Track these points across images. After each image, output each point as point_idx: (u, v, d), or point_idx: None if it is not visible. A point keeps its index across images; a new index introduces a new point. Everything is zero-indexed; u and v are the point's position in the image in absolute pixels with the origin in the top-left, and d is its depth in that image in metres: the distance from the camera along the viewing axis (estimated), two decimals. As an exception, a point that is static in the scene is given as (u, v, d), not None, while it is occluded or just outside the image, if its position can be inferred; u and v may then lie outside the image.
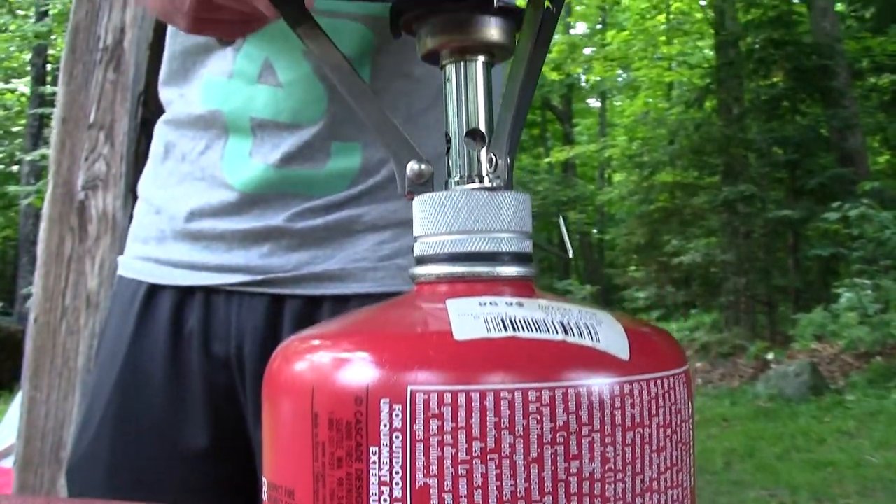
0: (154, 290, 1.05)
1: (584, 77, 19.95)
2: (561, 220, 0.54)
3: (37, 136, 14.83)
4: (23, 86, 17.23)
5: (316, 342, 0.43)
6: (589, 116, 24.10)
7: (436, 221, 0.45)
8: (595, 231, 21.98)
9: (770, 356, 10.62)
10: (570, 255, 0.54)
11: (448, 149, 0.48)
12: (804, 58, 12.63)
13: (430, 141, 0.97)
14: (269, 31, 0.94)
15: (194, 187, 1.05)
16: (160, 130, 1.14)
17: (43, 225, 3.02)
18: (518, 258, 0.45)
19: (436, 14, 0.47)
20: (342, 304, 1.00)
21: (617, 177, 19.52)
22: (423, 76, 1.02)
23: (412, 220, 0.46)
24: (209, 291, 1.03)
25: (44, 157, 11.73)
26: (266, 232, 1.01)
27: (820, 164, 12.50)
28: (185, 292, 1.04)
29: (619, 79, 20.04)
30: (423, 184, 0.47)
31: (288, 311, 1.01)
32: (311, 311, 1.01)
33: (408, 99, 1.03)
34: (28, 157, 12.81)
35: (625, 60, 16.38)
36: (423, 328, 0.42)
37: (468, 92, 0.47)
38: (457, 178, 0.47)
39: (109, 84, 3.01)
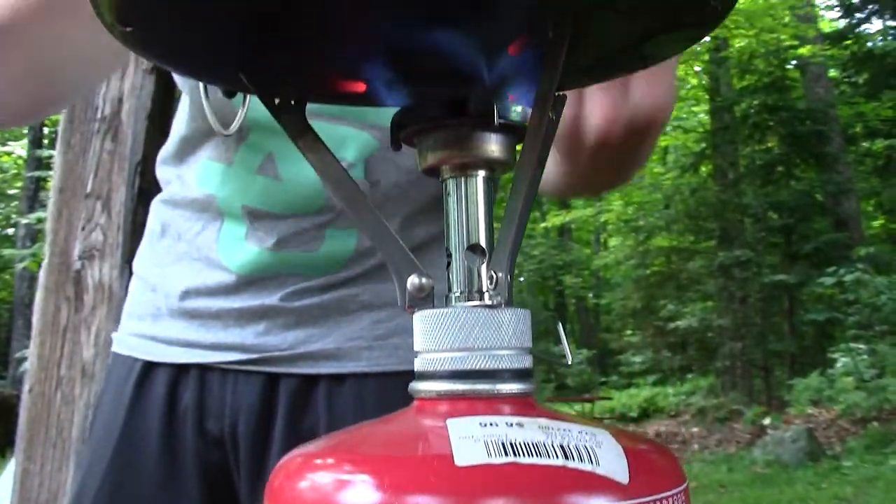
0: (149, 368, 1.05)
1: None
2: (559, 327, 0.54)
3: (33, 199, 14.85)
4: (20, 148, 17.31)
5: (318, 461, 0.43)
6: (584, 180, 24.17)
7: (436, 338, 0.45)
8: (591, 295, 21.99)
9: (767, 421, 10.57)
10: (570, 363, 0.53)
11: (448, 263, 0.48)
12: (798, 123, 12.78)
13: (429, 254, 1.01)
14: (277, 126, 0.96)
15: (190, 267, 1.05)
16: (157, 209, 1.15)
17: (39, 294, 3.02)
18: (518, 374, 0.45)
19: (437, 129, 0.47)
20: (338, 382, 1.00)
21: (613, 241, 19.57)
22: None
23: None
24: (204, 369, 1.03)
25: (40, 220, 11.75)
26: (262, 311, 1.01)
27: (815, 229, 12.58)
28: (181, 369, 1.04)
29: (615, 143, 20.14)
30: (424, 297, 0.47)
31: (283, 390, 1.01)
32: (307, 389, 1.00)
33: (405, 194, 1.03)
34: (24, 221, 12.82)
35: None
36: (424, 451, 0.42)
37: (469, 207, 0.48)
38: (457, 294, 0.47)
39: (107, 154, 3.03)
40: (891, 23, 14.40)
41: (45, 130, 15.66)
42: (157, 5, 0.42)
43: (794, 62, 13.66)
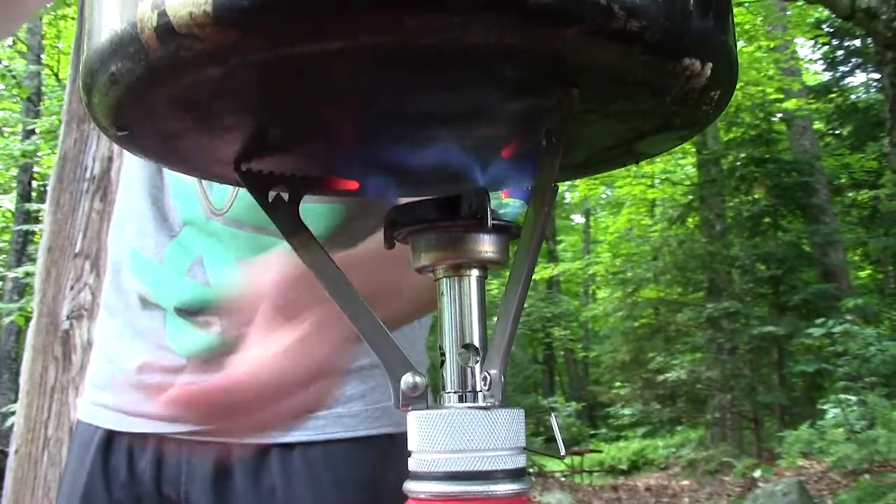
0: (110, 436, 1.09)
1: (567, 194, 20.21)
2: (553, 418, 0.54)
3: (21, 253, 14.76)
4: (8, 202, 17.25)
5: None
6: (573, 234, 24.35)
7: (431, 439, 0.45)
8: (580, 347, 21.94)
9: (757, 473, 10.50)
10: (563, 454, 0.53)
11: (442, 362, 0.48)
12: (785, 175, 12.87)
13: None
14: (207, 229, 1.00)
15: (143, 346, 1.08)
16: (113, 284, 1.16)
17: (26, 354, 3.00)
18: (513, 474, 0.45)
19: (430, 230, 0.48)
20: (288, 449, 1.03)
21: (601, 293, 19.59)
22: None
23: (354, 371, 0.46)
24: (161, 438, 1.06)
25: (28, 274, 11.68)
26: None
27: (802, 280, 12.62)
28: (139, 438, 1.07)
29: (603, 196, 20.31)
30: (418, 396, 0.47)
31: (237, 456, 1.03)
32: (260, 455, 1.03)
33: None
34: (11, 274, 12.74)
35: (608, 178, 16.62)
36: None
37: (462, 307, 0.48)
38: (451, 393, 0.48)
39: (96, 213, 3.03)
40: (874, 75, 14.61)
41: (34, 184, 15.64)
42: (151, 113, 0.42)
43: (779, 115, 13.81)
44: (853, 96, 15.15)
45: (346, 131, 0.47)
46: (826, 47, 15.28)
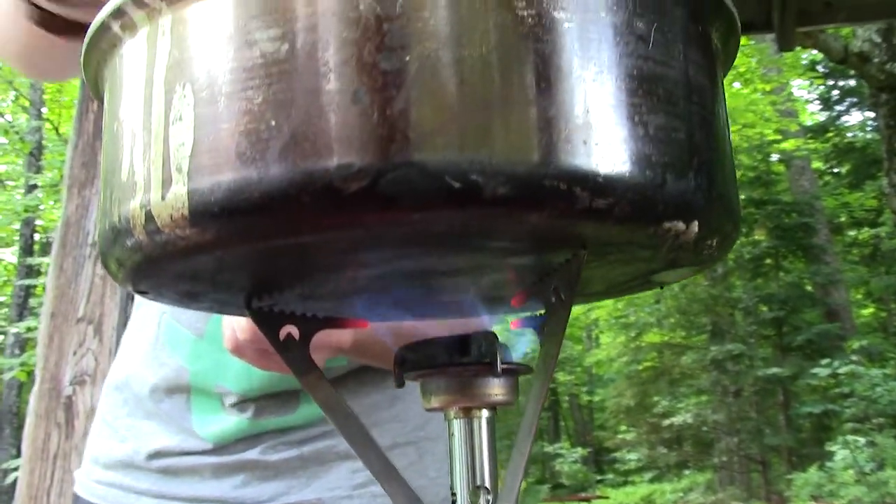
0: None
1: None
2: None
3: (22, 307, 14.74)
4: (10, 255, 17.25)
5: None
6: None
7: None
8: (584, 390, 21.85)
9: (768, 518, 10.41)
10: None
11: (453, 503, 0.48)
12: (785, 216, 12.91)
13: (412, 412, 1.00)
14: None
15: (161, 429, 1.04)
16: (121, 356, 1.13)
17: (28, 420, 2.99)
18: None
19: (441, 374, 0.48)
20: None
21: (604, 338, 19.54)
22: None
23: (387, 448, 0.46)
24: None
25: (30, 329, 11.67)
26: (240, 464, 1.00)
27: (805, 320, 12.59)
28: None
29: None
30: (428, 535, 0.47)
31: None
32: None
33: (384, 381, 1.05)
34: (13, 329, 12.72)
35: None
36: None
37: (473, 448, 0.48)
38: (463, 536, 0.47)
39: (99, 278, 3.03)
40: (869, 113, 14.68)
41: (36, 237, 15.67)
42: (161, 283, 0.43)
43: (777, 156, 13.87)
44: (850, 135, 15.22)
45: (349, 284, 0.47)
46: (822, 87, 15.39)
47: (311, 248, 0.39)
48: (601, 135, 0.36)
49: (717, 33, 0.45)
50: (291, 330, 0.51)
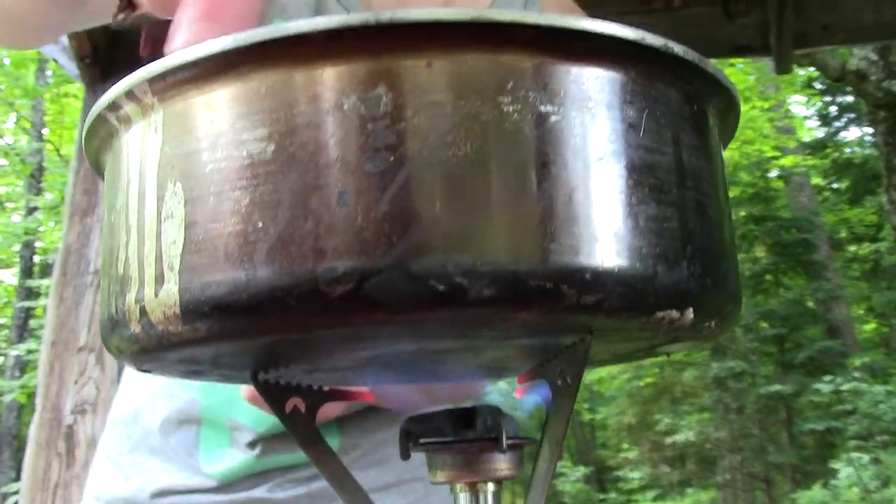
0: None
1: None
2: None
3: (22, 329, 14.71)
4: (10, 277, 17.22)
5: None
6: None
7: None
8: (586, 408, 21.78)
9: (772, 536, 10.35)
10: None
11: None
12: (784, 232, 12.89)
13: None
14: None
15: (166, 465, 1.03)
16: (131, 387, 1.11)
17: (29, 450, 2.98)
18: None
19: (447, 450, 0.48)
20: None
21: (605, 354, 19.41)
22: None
23: (393, 484, 0.47)
24: None
25: (30, 351, 11.65)
26: (248, 502, 1.00)
27: (807, 337, 12.56)
28: None
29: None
30: None
31: None
32: None
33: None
34: (13, 352, 12.71)
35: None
36: None
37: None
38: None
39: (100, 306, 3.04)
40: (867, 129, 14.69)
41: (36, 259, 15.66)
42: (162, 366, 0.43)
43: (776, 172, 13.87)
44: (848, 150, 15.21)
45: (351, 361, 0.47)
46: (819, 104, 15.39)
47: (306, 339, 0.40)
48: (589, 231, 0.36)
49: (715, 110, 0.45)
50: (297, 402, 0.51)
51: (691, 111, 0.42)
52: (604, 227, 0.37)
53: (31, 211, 15.00)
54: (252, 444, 0.99)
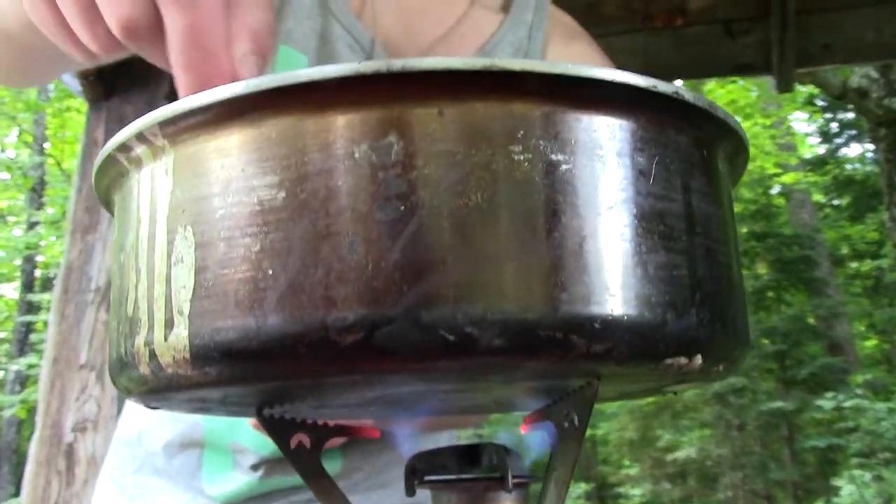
0: None
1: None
2: None
3: (23, 343, 14.71)
4: (11, 291, 17.23)
5: None
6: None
7: None
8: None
9: (774, 554, 10.31)
10: None
11: None
12: (786, 249, 12.89)
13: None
14: None
15: (170, 486, 1.03)
16: (134, 409, 1.12)
17: (29, 467, 2.97)
18: None
19: (452, 488, 0.48)
20: None
21: (607, 370, 19.39)
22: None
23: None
24: None
25: (31, 366, 11.65)
26: None
27: (808, 354, 12.54)
28: None
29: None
30: None
31: None
32: None
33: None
34: (14, 367, 12.70)
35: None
36: None
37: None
38: None
39: (101, 324, 3.03)
40: (868, 146, 14.70)
41: (37, 273, 15.67)
42: (171, 404, 0.43)
43: (777, 188, 13.88)
44: (849, 167, 15.23)
45: (358, 398, 0.47)
46: (820, 120, 15.42)
47: (315, 382, 0.40)
48: (598, 280, 0.36)
49: (724, 153, 0.45)
50: (302, 438, 0.51)
51: (701, 156, 0.42)
52: (613, 276, 0.37)
53: (32, 225, 15.02)
54: (255, 467, 0.99)
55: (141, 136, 0.40)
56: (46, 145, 15.57)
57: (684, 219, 0.40)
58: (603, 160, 0.38)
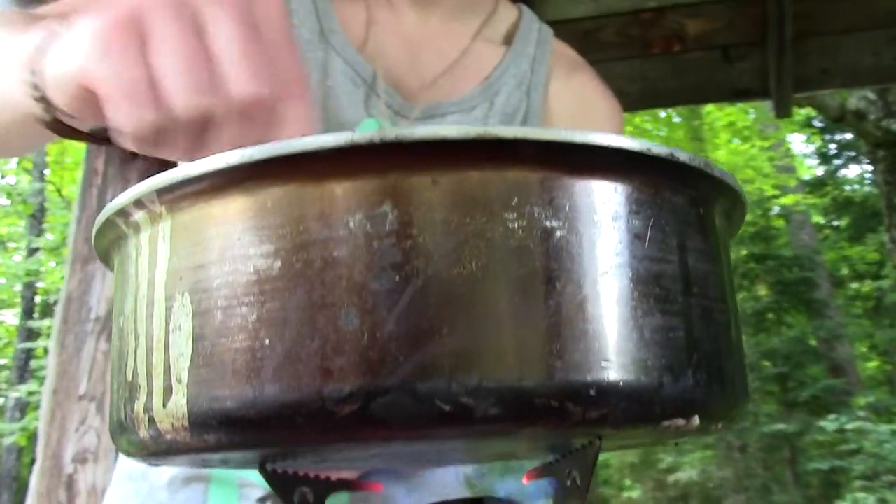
0: None
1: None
2: None
3: (23, 370, 14.68)
4: (11, 317, 17.21)
5: None
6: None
7: None
8: (589, 447, 21.64)
9: (778, 578, 10.25)
10: None
11: None
12: (786, 270, 12.88)
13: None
14: None
15: None
16: None
17: (30, 499, 2.96)
18: None
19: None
20: None
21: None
22: None
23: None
24: None
25: (31, 393, 11.62)
26: None
27: (810, 375, 12.51)
28: None
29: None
30: None
31: None
32: None
33: None
34: (14, 394, 12.68)
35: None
36: None
37: None
38: None
39: (101, 354, 3.02)
40: (867, 167, 14.72)
41: (37, 299, 15.66)
42: (176, 462, 0.43)
43: (776, 210, 13.90)
44: (848, 188, 15.24)
45: (360, 455, 0.47)
46: (819, 142, 15.44)
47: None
48: (594, 346, 0.36)
49: (721, 209, 0.45)
50: (305, 491, 0.51)
51: (697, 215, 0.42)
52: (609, 342, 0.36)
53: (32, 252, 15.02)
54: (262, 500, 0.99)
55: (139, 203, 0.40)
56: (46, 172, 15.59)
57: (680, 279, 0.40)
58: (598, 225, 0.38)
